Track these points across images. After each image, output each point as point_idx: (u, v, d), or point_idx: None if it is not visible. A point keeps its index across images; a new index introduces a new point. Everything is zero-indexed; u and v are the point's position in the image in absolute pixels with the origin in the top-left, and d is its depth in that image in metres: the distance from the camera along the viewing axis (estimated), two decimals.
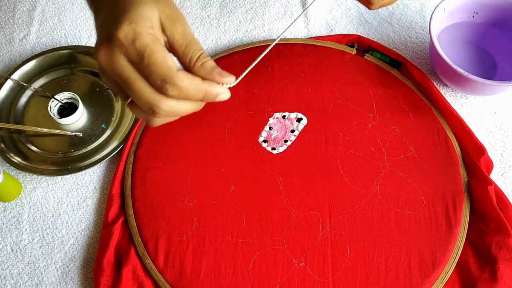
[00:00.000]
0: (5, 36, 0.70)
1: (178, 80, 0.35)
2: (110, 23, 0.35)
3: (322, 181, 0.56)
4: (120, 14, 0.35)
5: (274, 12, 0.71)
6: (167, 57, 0.35)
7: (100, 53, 0.35)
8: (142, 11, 0.35)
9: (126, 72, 0.35)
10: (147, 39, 0.34)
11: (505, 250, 0.51)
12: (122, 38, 0.34)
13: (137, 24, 0.34)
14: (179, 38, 0.36)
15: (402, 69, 0.64)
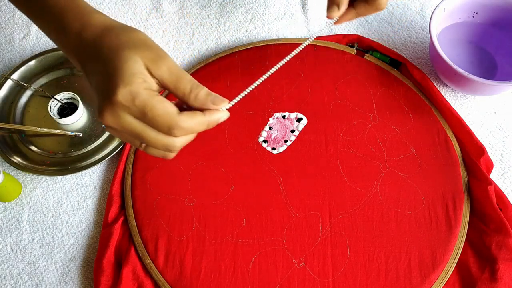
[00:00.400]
0: (5, 36, 0.70)
1: (182, 123, 0.38)
2: (107, 87, 0.37)
3: (322, 181, 0.56)
4: (112, 77, 0.37)
5: (274, 12, 0.71)
6: (166, 107, 0.38)
7: (106, 117, 0.38)
8: (129, 68, 0.37)
9: (136, 127, 0.38)
10: (144, 96, 0.37)
11: (505, 250, 0.51)
12: (123, 101, 0.37)
13: (131, 84, 0.37)
14: (167, 76, 0.38)
15: (402, 69, 0.64)
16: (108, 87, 0.37)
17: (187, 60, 0.68)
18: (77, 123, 0.62)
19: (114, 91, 0.37)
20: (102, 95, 0.38)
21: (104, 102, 0.38)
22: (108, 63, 0.38)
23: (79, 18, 0.42)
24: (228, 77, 0.63)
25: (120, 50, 0.38)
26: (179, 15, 0.71)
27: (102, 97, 0.38)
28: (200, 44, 0.69)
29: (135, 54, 0.38)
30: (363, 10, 0.52)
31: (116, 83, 0.37)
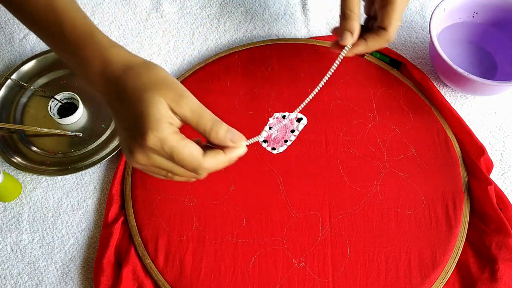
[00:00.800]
0: (5, 36, 0.70)
1: (206, 165, 0.42)
2: (136, 131, 0.40)
3: (322, 181, 0.56)
4: (140, 121, 0.40)
5: (274, 12, 0.71)
6: (192, 150, 0.41)
7: (137, 157, 0.41)
8: (155, 112, 0.39)
9: (165, 165, 0.42)
10: (171, 142, 0.40)
11: (505, 250, 0.51)
12: (152, 146, 0.40)
13: (158, 130, 0.39)
14: (189, 115, 0.41)
15: (402, 69, 0.64)
16: (137, 132, 0.40)
17: (187, 60, 0.68)
18: (77, 123, 0.62)
19: (143, 137, 0.39)
20: (132, 137, 0.41)
21: (134, 145, 0.41)
22: (134, 106, 0.40)
23: (99, 55, 0.44)
24: (228, 77, 0.63)
25: (144, 92, 0.40)
26: (179, 15, 0.71)
27: (132, 139, 0.41)
28: (200, 44, 0.69)
29: (158, 95, 0.40)
30: (373, 42, 0.53)
31: (144, 129, 0.39)
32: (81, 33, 0.45)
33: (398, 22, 0.52)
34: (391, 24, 0.52)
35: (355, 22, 0.51)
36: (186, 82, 0.63)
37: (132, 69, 0.42)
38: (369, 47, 0.54)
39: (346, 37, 0.52)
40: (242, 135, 0.44)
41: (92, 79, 0.44)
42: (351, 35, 0.52)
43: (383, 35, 0.53)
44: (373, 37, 0.53)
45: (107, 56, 0.43)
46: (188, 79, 0.63)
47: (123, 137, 0.43)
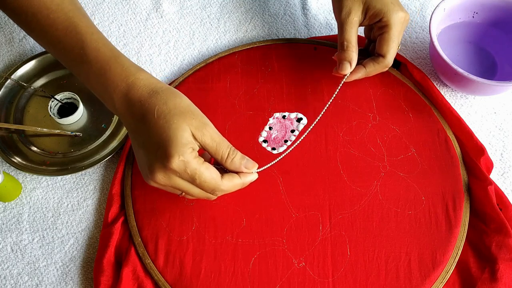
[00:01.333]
0: (5, 36, 0.70)
1: (223, 187, 0.47)
2: (160, 153, 0.44)
3: (322, 181, 0.56)
4: (166, 145, 0.43)
5: (274, 12, 0.71)
6: (212, 173, 0.45)
7: (159, 178, 0.44)
8: (181, 138, 0.44)
9: (184, 186, 0.46)
10: (194, 165, 0.44)
11: (505, 250, 0.51)
12: (176, 168, 0.44)
13: (183, 155, 0.43)
14: (209, 143, 0.45)
15: (402, 69, 0.64)
16: (162, 154, 0.44)
17: (187, 60, 0.68)
18: (77, 123, 0.62)
19: (168, 159, 0.43)
20: (156, 158, 0.44)
21: (157, 165, 0.44)
22: (161, 130, 0.44)
23: (125, 77, 0.47)
24: (228, 77, 0.63)
25: (171, 118, 0.44)
26: (179, 15, 0.71)
27: (156, 160, 0.44)
28: (200, 44, 0.69)
29: (183, 122, 0.44)
30: (372, 69, 0.57)
31: (170, 152, 0.43)
32: (105, 56, 0.48)
33: (396, 48, 0.56)
34: (389, 52, 0.55)
35: (352, 53, 0.55)
36: (186, 82, 0.63)
37: (158, 94, 0.45)
38: (368, 73, 0.57)
39: (345, 67, 0.55)
40: (255, 163, 0.49)
41: (115, 100, 0.46)
42: (349, 65, 0.55)
43: (381, 62, 0.56)
44: (372, 63, 0.57)
45: (133, 80, 0.46)
46: (188, 79, 0.63)
47: (144, 157, 0.46)
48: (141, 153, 0.46)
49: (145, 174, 0.46)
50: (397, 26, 0.54)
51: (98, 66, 0.47)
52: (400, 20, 0.54)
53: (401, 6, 0.55)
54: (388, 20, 0.54)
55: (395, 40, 0.55)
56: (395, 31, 0.54)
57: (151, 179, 0.45)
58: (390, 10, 0.53)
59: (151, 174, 0.45)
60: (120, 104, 0.47)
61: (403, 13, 0.54)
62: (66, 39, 0.49)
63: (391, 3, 0.54)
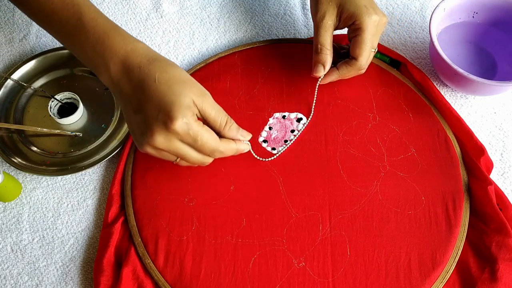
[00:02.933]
0: (5, 36, 0.70)
1: (221, 148, 0.49)
2: (163, 117, 0.45)
3: (322, 181, 0.56)
4: (169, 108, 0.45)
5: (274, 12, 0.71)
6: (212, 135, 0.48)
7: (157, 140, 0.46)
8: (184, 102, 0.45)
9: (182, 150, 0.48)
10: (197, 127, 0.46)
11: (505, 250, 0.51)
12: (179, 130, 0.45)
13: (186, 117, 0.45)
14: (209, 109, 0.48)
15: (402, 69, 0.64)
16: (164, 117, 0.45)
17: (187, 60, 0.68)
18: (77, 123, 0.62)
19: (172, 121, 0.44)
20: (156, 122, 0.45)
21: (158, 128, 0.45)
22: (163, 95, 0.45)
23: (123, 46, 0.48)
24: (228, 77, 0.63)
25: (171, 84, 0.46)
26: (179, 15, 0.71)
27: (156, 124, 0.45)
28: (200, 44, 0.69)
29: (185, 88, 0.46)
30: (345, 71, 0.57)
31: (174, 114, 0.44)
32: (104, 26, 0.49)
33: (369, 51, 0.56)
34: (361, 54, 0.55)
35: (326, 56, 0.56)
36: None
37: (158, 62, 0.47)
38: (341, 76, 0.58)
39: (318, 69, 0.56)
40: (249, 133, 0.53)
41: (111, 68, 0.48)
42: (323, 67, 0.56)
43: (353, 64, 0.56)
44: (345, 66, 0.57)
45: (131, 47, 0.48)
46: None
47: (141, 122, 0.46)
48: (137, 119, 0.47)
49: (141, 141, 0.47)
50: (370, 29, 0.54)
51: (96, 36, 0.48)
52: (374, 23, 0.54)
53: (376, 10, 0.55)
54: (360, 23, 0.54)
55: (368, 43, 0.54)
56: (367, 34, 0.54)
57: (148, 143, 0.46)
58: (363, 13, 0.53)
59: (149, 138, 0.46)
60: (116, 71, 0.48)
61: (377, 16, 0.54)
62: (62, 11, 0.50)
63: (365, 6, 0.54)
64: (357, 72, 0.58)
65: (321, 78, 0.58)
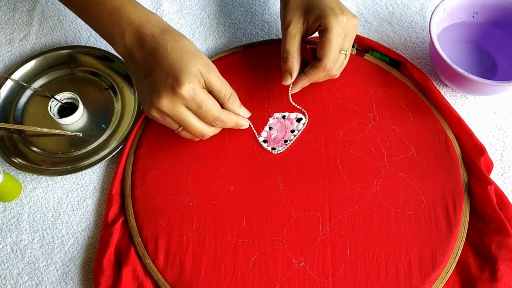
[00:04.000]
0: (5, 36, 0.70)
1: (223, 117, 0.52)
2: (171, 82, 0.48)
3: (322, 181, 0.56)
4: (179, 75, 0.48)
5: (274, 12, 0.71)
6: (215, 103, 0.51)
7: (163, 102, 0.48)
8: (192, 70, 0.48)
9: (186, 116, 0.50)
10: (202, 94, 0.49)
11: (505, 250, 0.51)
12: (185, 95, 0.48)
13: (194, 83, 0.48)
14: (215, 80, 0.51)
15: (402, 69, 0.64)
16: (173, 81, 0.48)
17: None
18: (77, 123, 0.62)
19: (179, 85, 0.47)
20: (164, 85, 0.48)
21: (165, 92, 0.48)
22: (173, 62, 0.49)
23: (139, 17, 0.52)
24: (228, 77, 0.63)
25: (182, 53, 0.49)
26: (179, 15, 0.71)
27: (164, 87, 0.48)
28: (200, 44, 0.69)
29: (194, 59, 0.49)
30: (312, 74, 0.57)
31: (182, 80, 0.47)
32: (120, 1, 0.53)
33: (335, 52, 0.54)
34: (326, 55, 0.54)
35: (292, 64, 0.56)
36: None
37: (170, 32, 0.51)
38: (310, 80, 0.58)
39: (285, 77, 0.57)
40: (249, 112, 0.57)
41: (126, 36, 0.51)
42: (290, 76, 0.56)
43: (319, 66, 0.55)
44: (312, 69, 0.56)
45: (146, 18, 0.52)
46: None
47: (150, 86, 0.49)
48: (146, 83, 0.50)
49: (148, 103, 0.50)
50: (336, 29, 0.53)
51: (112, 6, 0.52)
52: (339, 23, 0.53)
53: (344, 10, 0.54)
54: (325, 23, 0.53)
55: (333, 43, 0.53)
56: (333, 34, 0.53)
57: (154, 105, 0.49)
58: (328, 14, 0.53)
59: (156, 100, 0.48)
60: (131, 40, 0.51)
61: (343, 17, 0.53)
62: None
63: (331, 8, 0.53)
64: (323, 73, 0.56)
65: (291, 86, 0.58)
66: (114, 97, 0.63)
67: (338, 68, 0.57)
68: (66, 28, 0.70)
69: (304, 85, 0.59)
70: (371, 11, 0.71)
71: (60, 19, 0.71)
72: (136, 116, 0.61)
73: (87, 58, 0.66)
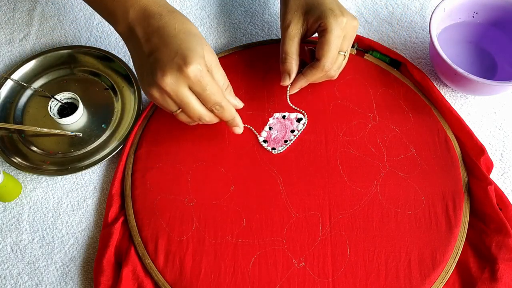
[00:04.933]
0: (5, 36, 0.70)
1: (224, 104, 0.51)
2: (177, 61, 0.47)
3: (322, 181, 0.56)
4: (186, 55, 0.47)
5: (274, 12, 0.71)
6: (219, 87, 0.51)
7: (167, 81, 0.48)
8: (200, 52, 0.48)
9: (187, 97, 0.49)
10: (208, 77, 0.49)
11: (505, 250, 0.51)
12: (192, 75, 0.47)
13: (200, 64, 0.48)
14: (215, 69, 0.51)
15: (402, 69, 0.64)
16: (180, 60, 0.47)
17: None
18: (77, 123, 0.62)
19: (187, 65, 0.47)
20: (171, 63, 0.48)
21: (171, 69, 0.47)
22: (181, 42, 0.48)
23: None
24: (228, 77, 0.63)
25: (190, 36, 0.49)
26: None
27: (170, 65, 0.47)
28: None
29: (201, 44, 0.49)
30: (311, 75, 0.56)
31: (190, 60, 0.47)
32: None
33: (334, 53, 0.54)
34: (324, 56, 0.54)
35: (291, 65, 0.56)
36: None
37: (177, 14, 0.51)
38: (308, 80, 0.57)
39: (284, 78, 0.57)
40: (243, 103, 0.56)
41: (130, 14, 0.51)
42: (288, 76, 0.57)
43: (317, 66, 0.55)
44: (310, 70, 0.56)
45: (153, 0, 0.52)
46: None
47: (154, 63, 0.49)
48: (149, 61, 0.50)
49: (148, 82, 0.49)
50: (335, 30, 0.53)
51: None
52: (339, 24, 0.53)
53: (344, 12, 0.54)
54: (325, 24, 0.53)
55: (332, 44, 0.53)
56: (331, 34, 0.53)
57: (157, 83, 0.48)
58: (328, 15, 0.53)
59: (159, 78, 0.48)
60: (135, 17, 0.51)
61: (343, 18, 0.53)
62: None
63: (331, 9, 0.53)
64: (325, 76, 0.57)
65: (289, 87, 0.58)
66: (114, 97, 0.63)
67: (336, 69, 0.57)
68: (66, 28, 0.70)
69: (303, 86, 0.59)
70: (371, 11, 0.71)
71: (60, 19, 0.71)
72: (136, 116, 0.61)
73: (87, 58, 0.66)
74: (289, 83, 0.57)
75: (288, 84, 0.57)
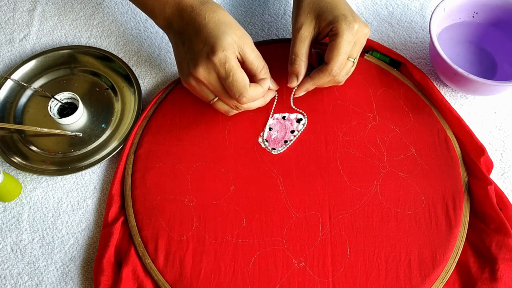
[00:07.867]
0: (5, 36, 0.70)
1: (249, 92, 0.51)
2: (207, 49, 0.50)
3: (322, 181, 0.56)
4: (213, 42, 0.49)
5: (274, 12, 0.71)
6: (244, 77, 0.51)
7: (200, 70, 0.50)
8: (228, 39, 0.50)
9: (215, 84, 0.51)
10: (233, 62, 0.50)
11: (505, 250, 0.51)
12: (217, 61, 0.49)
13: (227, 50, 0.49)
14: (249, 52, 0.52)
15: (402, 69, 0.64)
16: (208, 49, 0.50)
17: None
18: (77, 123, 0.62)
19: (213, 52, 0.49)
20: (200, 53, 0.50)
21: (201, 59, 0.50)
22: (210, 32, 0.50)
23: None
24: None
25: (219, 24, 0.51)
26: None
27: (200, 55, 0.50)
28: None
29: (230, 29, 0.51)
30: (318, 79, 0.56)
31: (216, 47, 0.49)
32: None
33: (343, 57, 0.54)
34: (333, 59, 0.54)
35: (300, 67, 0.56)
36: None
37: (208, 4, 0.53)
38: (315, 83, 0.57)
39: (291, 80, 0.57)
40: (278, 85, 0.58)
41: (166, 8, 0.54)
42: (296, 78, 0.57)
43: (325, 70, 0.55)
44: (318, 73, 0.56)
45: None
46: None
47: (188, 53, 0.52)
48: (185, 51, 0.52)
49: (186, 72, 0.52)
50: (346, 35, 0.53)
51: None
52: (351, 30, 0.53)
53: (356, 18, 0.54)
54: (337, 28, 0.53)
55: (342, 49, 0.53)
56: (342, 40, 0.53)
57: (192, 73, 0.51)
58: (340, 20, 0.53)
59: (193, 68, 0.50)
60: (171, 12, 0.54)
61: (355, 24, 0.53)
62: None
63: (344, 14, 0.53)
64: (332, 81, 0.57)
65: (294, 89, 0.58)
66: (114, 97, 0.64)
67: (344, 75, 0.56)
68: (66, 28, 0.70)
69: (309, 89, 0.58)
70: (371, 11, 0.71)
71: (60, 19, 0.71)
72: (136, 116, 0.61)
73: (87, 58, 0.66)
74: (296, 85, 0.57)
75: (295, 85, 0.57)
